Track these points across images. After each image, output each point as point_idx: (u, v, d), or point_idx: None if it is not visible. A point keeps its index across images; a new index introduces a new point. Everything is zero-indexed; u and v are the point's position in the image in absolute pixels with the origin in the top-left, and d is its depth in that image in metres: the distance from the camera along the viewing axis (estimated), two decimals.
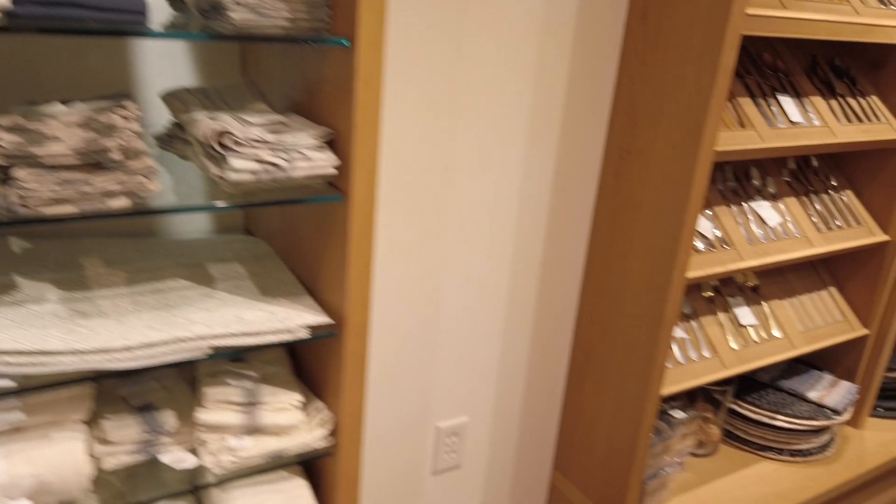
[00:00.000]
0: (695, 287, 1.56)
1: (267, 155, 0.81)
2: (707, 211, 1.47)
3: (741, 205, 1.54)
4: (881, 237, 1.67)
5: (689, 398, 1.64)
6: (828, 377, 1.76)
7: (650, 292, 1.28)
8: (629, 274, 1.33)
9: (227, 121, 0.81)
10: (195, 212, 1.07)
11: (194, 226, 1.08)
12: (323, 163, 0.84)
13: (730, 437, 1.70)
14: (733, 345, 1.53)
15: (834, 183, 1.71)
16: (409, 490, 1.38)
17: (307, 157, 0.83)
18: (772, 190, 1.60)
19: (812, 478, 1.61)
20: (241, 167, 0.80)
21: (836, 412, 1.63)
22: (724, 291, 1.61)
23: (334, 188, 0.88)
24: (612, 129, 1.34)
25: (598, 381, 1.44)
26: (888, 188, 1.67)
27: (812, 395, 1.68)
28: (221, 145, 0.80)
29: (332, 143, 0.86)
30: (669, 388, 1.37)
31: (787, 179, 1.64)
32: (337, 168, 0.85)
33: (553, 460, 1.59)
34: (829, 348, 1.70)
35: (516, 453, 1.53)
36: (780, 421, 1.63)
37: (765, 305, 1.64)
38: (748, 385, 1.72)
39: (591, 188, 1.40)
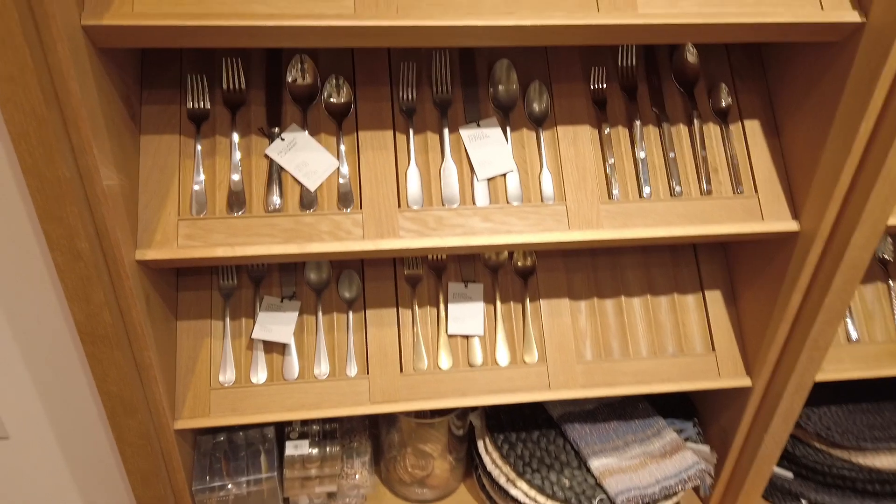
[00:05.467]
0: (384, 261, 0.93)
1: None
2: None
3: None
4: (779, 225, 0.85)
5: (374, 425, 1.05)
6: (672, 435, 1.05)
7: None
8: None
9: None
10: None
11: None
12: None
13: (482, 486, 1.10)
14: (420, 366, 0.91)
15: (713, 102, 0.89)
16: None
17: None
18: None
19: None
20: None
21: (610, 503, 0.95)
22: (447, 273, 0.95)
23: None
24: None
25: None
26: (812, 127, 0.82)
27: (598, 462, 1.00)
28: None
29: None
30: (214, 420, 0.84)
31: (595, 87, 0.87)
32: None
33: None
34: (709, 391, 0.98)
35: None
36: (518, 490, 0.99)
37: (529, 304, 0.95)
38: (531, 419, 1.08)
39: None
